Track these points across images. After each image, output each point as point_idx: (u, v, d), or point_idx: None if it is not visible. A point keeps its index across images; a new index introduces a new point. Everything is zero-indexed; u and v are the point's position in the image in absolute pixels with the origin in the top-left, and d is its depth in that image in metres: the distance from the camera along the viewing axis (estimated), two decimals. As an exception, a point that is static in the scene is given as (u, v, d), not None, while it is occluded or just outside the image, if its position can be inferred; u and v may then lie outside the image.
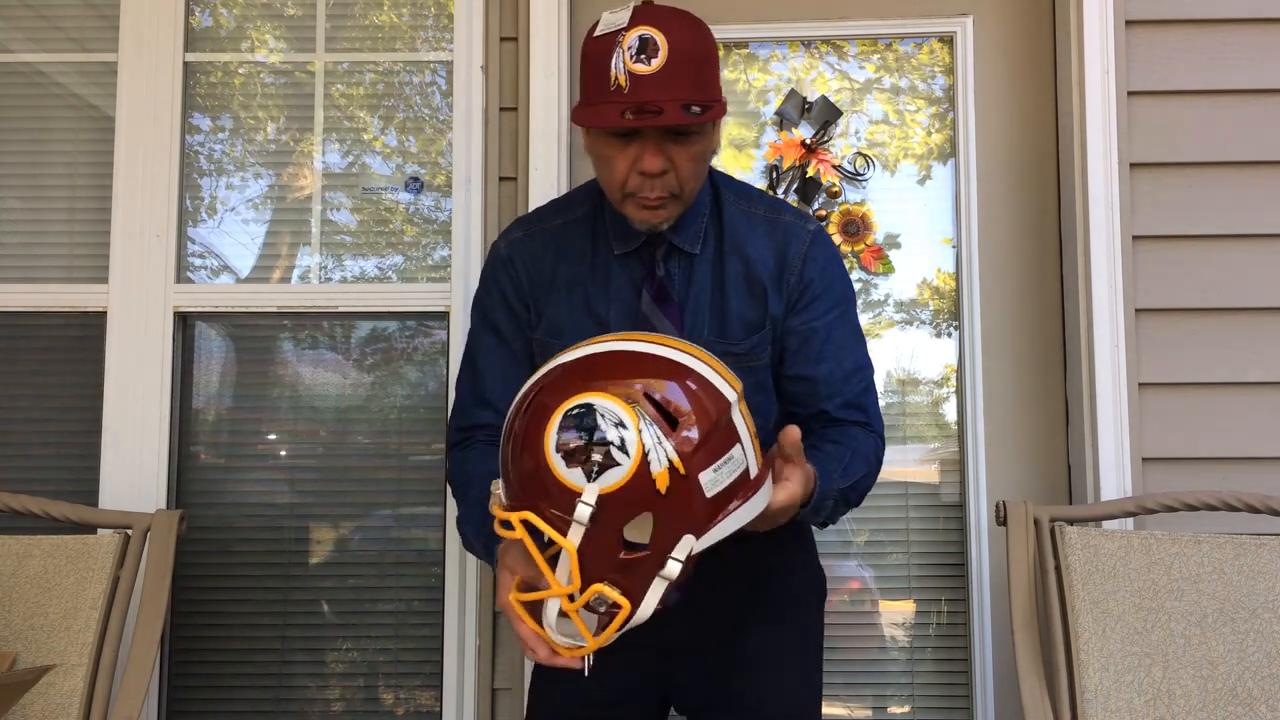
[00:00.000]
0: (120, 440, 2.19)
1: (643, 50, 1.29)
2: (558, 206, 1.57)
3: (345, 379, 2.30)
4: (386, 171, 2.31)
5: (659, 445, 1.10)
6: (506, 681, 2.11)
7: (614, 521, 1.10)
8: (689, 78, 1.31)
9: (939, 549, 2.22)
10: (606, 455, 1.09)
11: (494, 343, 1.51)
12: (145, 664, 1.82)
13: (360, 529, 2.27)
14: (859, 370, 1.48)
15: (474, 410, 1.51)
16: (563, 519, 1.10)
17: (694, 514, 1.12)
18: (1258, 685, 1.75)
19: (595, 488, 1.09)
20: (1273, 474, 2.02)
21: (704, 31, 1.36)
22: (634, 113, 1.29)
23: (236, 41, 2.33)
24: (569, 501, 1.09)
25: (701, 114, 1.31)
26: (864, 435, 1.46)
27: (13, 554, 1.91)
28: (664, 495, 1.10)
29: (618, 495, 1.09)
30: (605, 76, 1.31)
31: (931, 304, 2.27)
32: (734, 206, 1.49)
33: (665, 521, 1.11)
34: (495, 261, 1.54)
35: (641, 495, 1.10)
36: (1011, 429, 2.19)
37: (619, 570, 1.12)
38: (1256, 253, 2.07)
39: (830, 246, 1.51)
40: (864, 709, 2.22)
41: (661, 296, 1.45)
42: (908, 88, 2.30)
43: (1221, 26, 2.10)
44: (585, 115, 1.34)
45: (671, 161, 1.35)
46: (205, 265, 2.31)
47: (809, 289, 1.46)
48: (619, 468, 1.09)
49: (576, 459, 1.09)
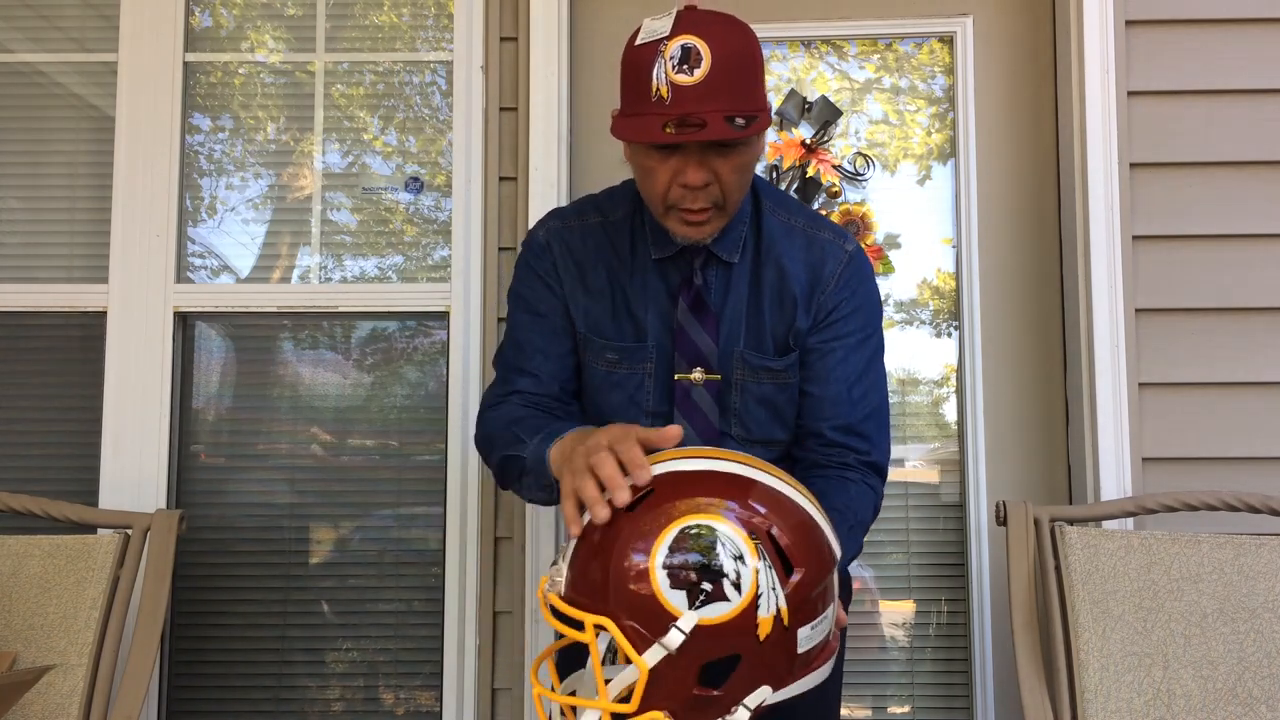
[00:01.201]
0: (120, 440, 2.19)
1: (685, 60, 1.25)
2: (597, 204, 1.53)
3: (345, 379, 2.30)
4: (386, 171, 2.31)
5: (772, 590, 1.03)
6: (506, 681, 2.11)
7: (697, 654, 1.01)
8: (733, 88, 1.26)
9: (939, 549, 2.22)
10: (717, 587, 1.01)
11: (531, 320, 1.48)
12: (145, 664, 1.82)
13: (360, 529, 2.27)
14: (868, 396, 1.45)
15: (511, 377, 1.47)
16: (643, 636, 1.01)
17: (780, 666, 1.05)
18: (1258, 685, 1.75)
19: (695, 617, 1.00)
20: (1273, 474, 2.02)
21: (749, 38, 1.32)
22: (676, 126, 1.24)
23: (236, 41, 2.33)
24: (659, 623, 1.01)
25: (746, 126, 1.26)
26: (862, 492, 1.42)
27: (13, 554, 1.91)
28: (760, 642, 1.02)
29: (715, 630, 1.01)
30: (646, 87, 1.26)
31: (931, 304, 2.27)
32: (773, 216, 1.46)
33: (750, 668, 1.04)
34: (532, 247, 1.51)
35: (739, 636, 1.02)
36: (1011, 429, 2.19)
37: (681, 703, 1.03)
38: (1256, 253, 2.07)
39: (866, 269, 1.48)
40: (864, 709, 2.22)
41: (698, 306, 1.43)
42: (908, 88, 2.30)
43: (1221, 26, 2.10)
44: (626, 129, 1.30)
45: (715, 174, 1.31)
46: (205, 265, 2.31)
47: (836, 309, 1.44)
48: (726, 604, 1.01)
49: (683, 582, 1.01)
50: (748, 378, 1.44)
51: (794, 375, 1.45)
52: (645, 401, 1.46)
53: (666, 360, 1.45)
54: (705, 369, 1.43)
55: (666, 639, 1.00)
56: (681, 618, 1.00)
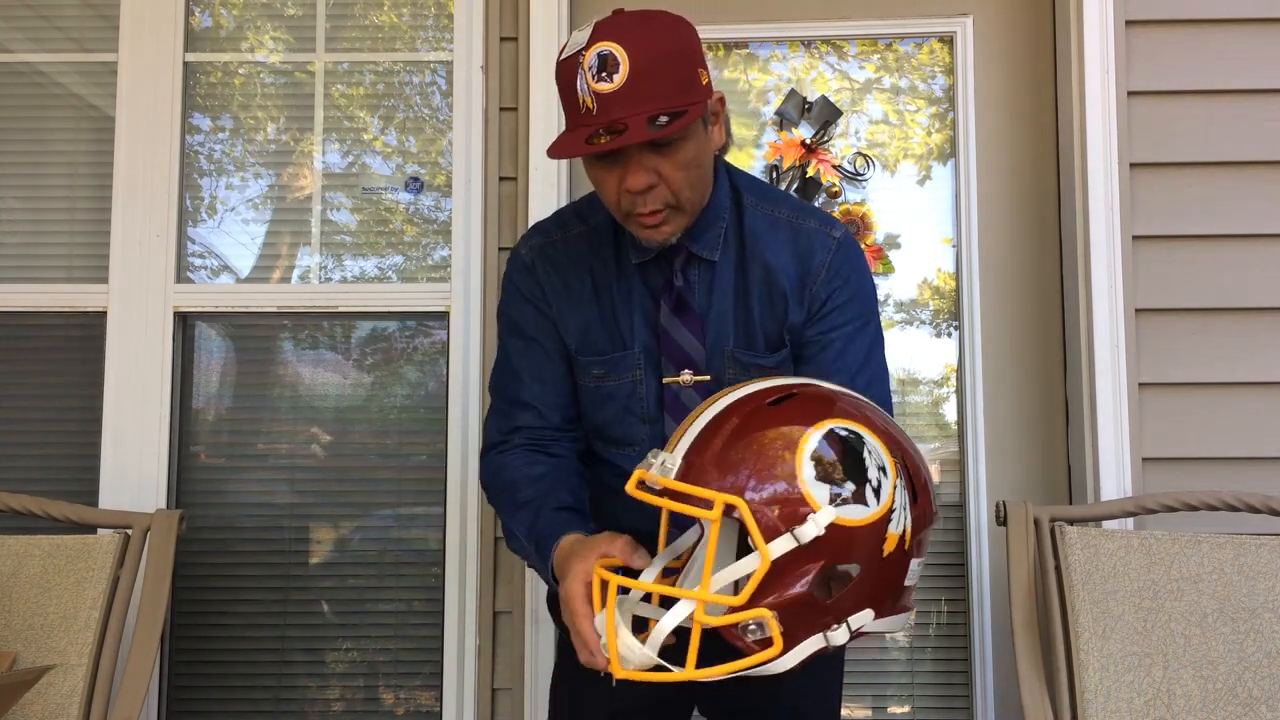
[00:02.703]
0: (120, 440, 2.18)
1: (603, 68, 1.23)
2: (578, 212, 1.51)
3: (345, 379, 2.30)
4: (386, 171, 2.31)
5: (904, 509, 1.03)
6: (506, 681, 2.11)
7: (824, 554, 1.00)
8: (657, 87, 1.24)
9: (939, 549, 2.22)
10: (859, 490, 1.00)
11: (524, 345, 1.48)
12: (145, 664, 1.82)
13: (360, 529, 2.27)
14: (872, 384, 1.42)
15: (512, 411, 1.47)
16: (773, 525, 0.99)
17: (889, 592, 1.04)
18: (1258, 685, 1.75)
19: (834, 513, 0.99)
20: (1273, 474, 2.02)
21: (672, 31, 1.29)
22: (599, 135, 1.23)
23: (236, 41, 2.33)
24: (795, 512, 0.99)
25: (669, 123, 1.23)
26: None
27: (13, 554, 1.91)
28: (883, 559, 1.01)
29: (848, 533, 1.00)
30: (574, 100, 1.26)
31: (931, 304, 2.27)
32: (755, 210, 1.44)
33: (865, 585, 1.02)
34: (517, 267, 1.49)
35: (866, 546, 1.01)
36: (1011, 429, 2.19)
37: (788, 608, 1.00)
38: (1256, 253, 2.07)
39: (856, 255, 1.45)
40: (864, 709, 2.22)
41: (680, 308, 1.41)
42: (908, 88, 2.30)
43: (1221, 26, 2.10)
44: (554, 146, 1.29)
45: (658, 173, 1.28)
46: (205, 265, 2.31)
47: (830, 299, 1.41)
48: (865, 508, 1.01)
49: (829, 477, 1.00)
50: (740, 377, 1.41)
51: (786, 373, 1.43)
52: (640, 409, 1.44)
53: (655, 365, 1.43)
54: (694, 370, 1.41)
55: (800, 530, 0.98)
56: (820, 511, 0.99)
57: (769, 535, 0.99)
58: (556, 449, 1.46)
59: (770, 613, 1.00)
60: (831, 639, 1.02)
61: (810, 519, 0.99)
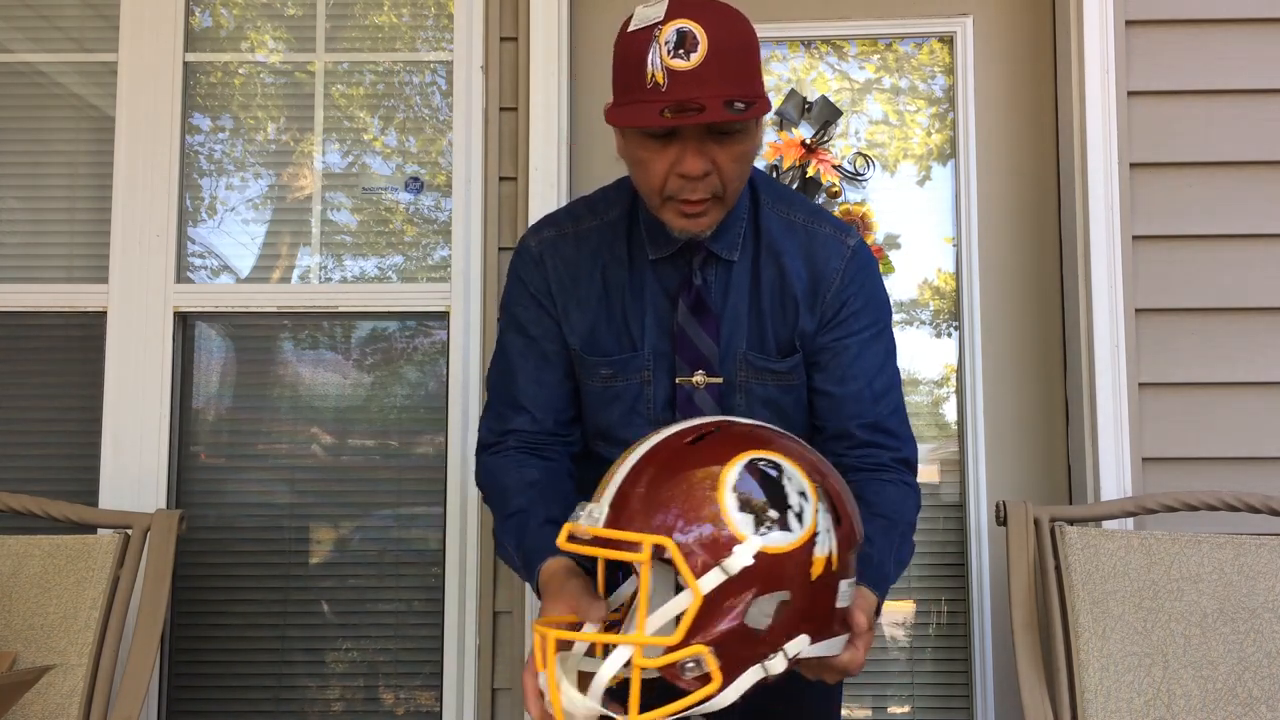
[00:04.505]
0: (120, 440, 2.19)
1: (681, 45, 1.21)
2: (591, 205, 1.48)
3: (345, 379, 2.30)
4: (386, 171, 2.31)
5: (829, 532, 1.04)
6: (506, 681, 2.11)
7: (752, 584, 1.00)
8: (731, 73, 1.22)
9: (939, 549, 2.22)
10: (783, 517, 1.01)
11: (524, 344, 1.45)
12: (145, 664, 1.82)
13: (360, 529, 2.27)
14: (889, 391, 1.42)
15: (506, 413, 1.45)
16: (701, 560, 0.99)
17: (821, 615, 1.05)
18: (1258, 685, 1.75)
19: (759, 542, 1.00)
20: (1273, 474, 2.02)
21: (745, 24, 1.28)
22: (673, 111, 1.20)
23: (236, 41, 2.33)
24: (721, 545, 0.99)
25: (746, 110, 1.22)
26: (903, 492, 1.38)
27: (13, 554, 1.91)
28: (812, 583, 1.02)
29: (776, 560, 1.00)
30: (641, 74, 1.22)
31: (932, 304, 2.27)
32: (772, 211, 1.42)
33: (796, 611, 1.02)
34: (525, 260, 1.46)
35: (794, 572, 1.01)
36: (1011, 429, 2.19)
37: (723, 642, 1.00)
38: (1256, 253, 2.07)
39: (869, 262, 1.44)
40: (864, 709, 2.22)
41: (699, 308, 1.39)
42: (908, 88, 2.30)
43: (1221, 26, 2.10)
44: (620, 115, 1.25)
45: (714, 162, 1.27)
46: (205, 265, 2.31)
47: (845, 306, 1.40)
48: (789, 534, 1.01)
49: (752, 506, 1.01)
50: (751, 379, 1.41)
51: (798, 377, 1.42)
52: (647, 411, 1.42)
53: (666, 365, 1.41)
54: (707, 372, 1.40)
55: (729, 562, 0.99)
56: (746, 541, 0.99)
57: (699, 571, 0.99)
58: (549, 453, 1.44)
59: (706, 648, 1.00)
60: (769, 668, 1.02)
61: (736, 550, 0.99)
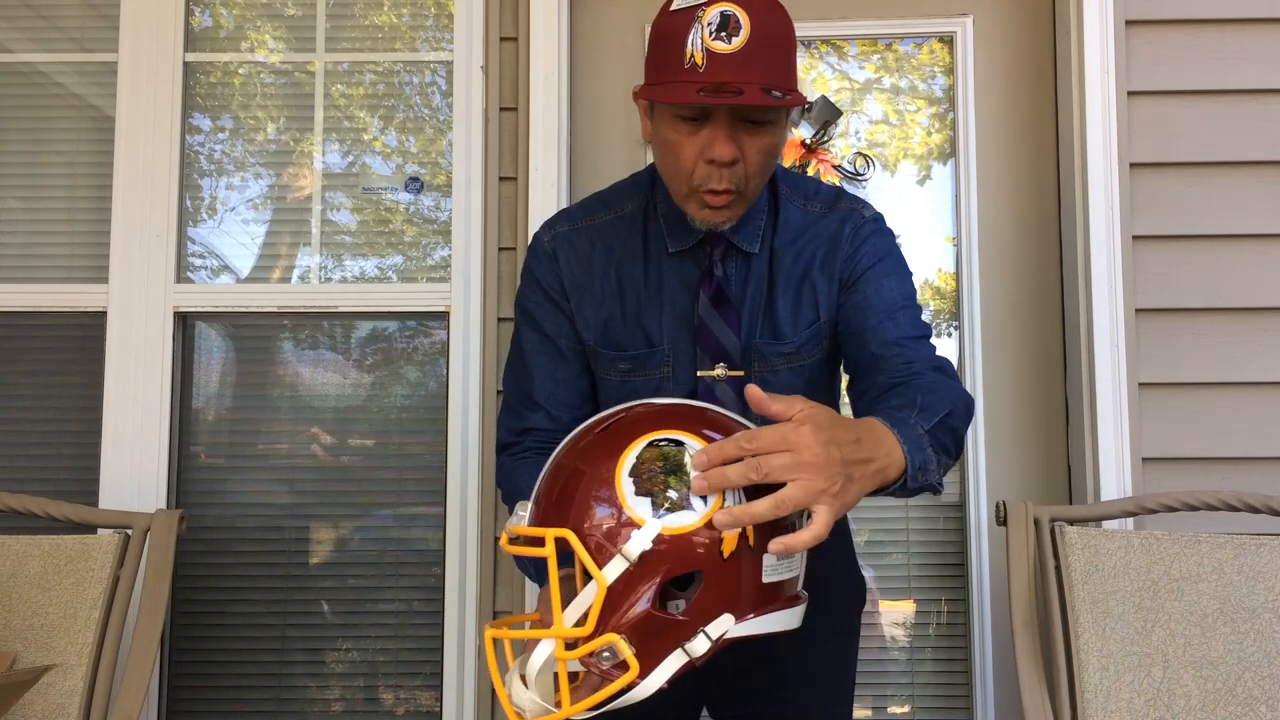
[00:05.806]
0: (120, 440, 2.19)
1: (724, 27, 1.20)
2: (605, 200, 1.47)
3: (345, 379, 2.30)
4: (386, 171, 2.31)
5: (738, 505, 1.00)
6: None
7: (658, 567, 0.97)
8: (771, 60, 1.22)
9: (939, 549, 2.22)
10: (684, 496, 0.98)
11: (539, 341, 1.44)
12: (145, 664, 1.82)
13: (360, 529, 2.27)
14: (916, 322, 1.37)
15: (524, 412, 1.44)
16: (604, 549, 0.98)
17: (743, 594, 1.01)
18: (1257, 685, 1.75)
19: (658, 524, 0.97)
20: (1273, 474, 2.02)
21: (786, 15, 1.27)
22: (710, 92, 1.19)
23: (236, 41, 2.33)
24: (620, 532, 0.98)
25: (784, 97, 1.21)
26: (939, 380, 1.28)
27: (13, 554, 1.91)
28: (724, 560, 0.99)
29: (678, 541, 0.97)
30: (680, 54, 1.21)
31: (932, 303, 2.27)
32: (791, 203, 1.42)
33: (712, 591, 0.99)
34: (537, 255, 1.45)
35: (703, 550, 0.98)
36: (1011, 429, 2.19)
37: (637, 629, 0.98)
38: (1256, 253, 2.07)
39: (886, 231, 1.43)
40: (864, 709, 2.22)
41: (719, 300, 1.38)
42: (908, 88, 2.30)
43: (1221, 26, 2.10)
44: (655, 92, 1.24)
45: (742, 151, 1.26)
46: (205, 265, 2.31)
47: (859, 263, 1.39)
48: (691, 513, 0.98)
49: (648, 488, 0.98)
50: (763, 370, 1.40)
51: (811, 354, 1.41)
52: None
53: (686, 359, 1.40)
54: (728, 364, 1.39)
55: (628, 547, 0.97)
56: (645, 525, 0.97)
57: (601, 560, 0.98)
58: None
59: (617, 636, 0.98)
60: (690, 650, 1.00)
61: (634, 535, 0.97)
